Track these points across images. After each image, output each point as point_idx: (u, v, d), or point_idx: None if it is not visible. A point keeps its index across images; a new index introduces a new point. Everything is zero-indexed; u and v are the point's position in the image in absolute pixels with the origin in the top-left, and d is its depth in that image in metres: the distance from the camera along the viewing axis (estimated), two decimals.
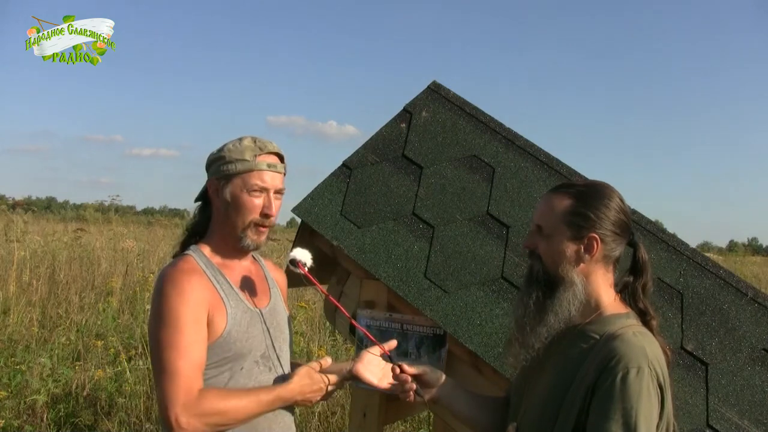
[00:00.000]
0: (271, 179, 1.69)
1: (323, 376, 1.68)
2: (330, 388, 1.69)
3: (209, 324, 1.59)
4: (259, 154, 1.68)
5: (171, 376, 1.50)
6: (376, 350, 1.74)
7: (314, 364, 1.69)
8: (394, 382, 1.69)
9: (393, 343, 1.79)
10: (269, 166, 1.69)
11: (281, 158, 1.74)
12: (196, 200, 1.78)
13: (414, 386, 1.62)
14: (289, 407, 1.73)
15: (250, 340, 1.65)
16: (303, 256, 1.75)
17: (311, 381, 1.66)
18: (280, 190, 1.72)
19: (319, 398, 1.69)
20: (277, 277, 1.88)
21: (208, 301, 1.59)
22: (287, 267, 1.81)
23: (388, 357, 1.69)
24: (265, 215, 1.68)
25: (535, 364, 1.49)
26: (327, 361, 1.72)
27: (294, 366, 1.86)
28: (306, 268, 1.74)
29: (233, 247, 1.72)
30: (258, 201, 1.67)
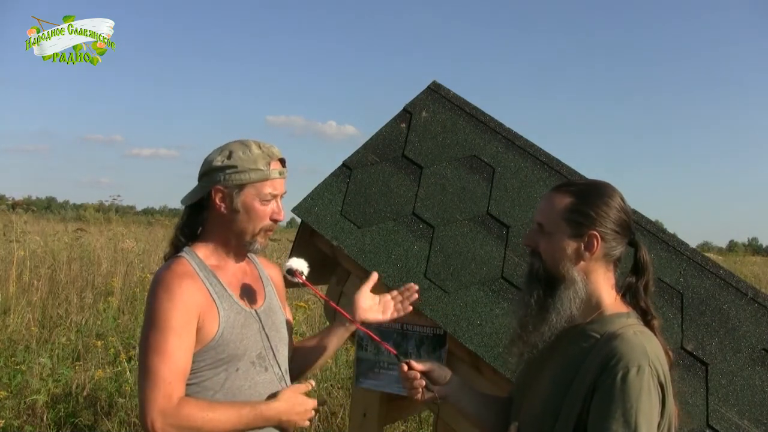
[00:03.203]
0: (280, 186, 1.72)
1: (308, 398, 1.67)
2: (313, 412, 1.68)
3: (201, 328, 1.59)
4: (270, 162, 1.70)
5: (152, 380, 1.51)
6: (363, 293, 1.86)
7: (300, 386, 1.70)
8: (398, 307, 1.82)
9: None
10: (280, 173, 1.72)
11: (284, 162, 1.76)
12: (189, 204, 1.75)
13: (423, 383, 1.63)
14: None
15: (245, 341, 1.65)
16: (299, 264, 1.76)
17: (297, 402, 1.65)
18: (284, 194, 1.75)
19: (304, 421, 1.66)
20: (272, 274, 1.87)
21: (199, 306, 1.59)
22: (284, 276, 1.83)
23: (395, 356, 1.69)
24: (274, 221, 1.72)
25: (536, 363, 1.49)
26: (311, 383, 1.73)
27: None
28: (303, 277, 1.75)
29: (233, 250, 1.73)
30: (268, 208, 1.70)
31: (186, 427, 1.50)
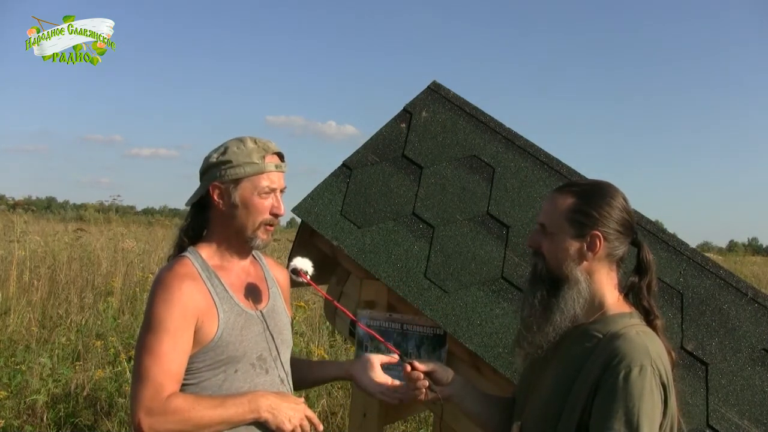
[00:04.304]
0: (278, 179, 1.71)
1: (304, 407, 1.64)
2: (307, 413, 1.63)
3: (200, 329, 1.59)
4: (265, 156, 1.69)
5: (142, 379, 1.52)
6: (379, 358, 1.79)
7: (300, 400, 1.67)
8: (394, 387, 1.73)
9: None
10: (277, 167, 1.71)
11: (282, 157, 1.75)
12: (190, 203, 1.76)
13: (427, 383, 1.63)
14: None
15: (244, 342, 1.64)
16: (304, 264, 1.76)
17: (292, 400, 1.62)
18: (283, 189, 1.74)
19: (292, 422, 1.59)
20: (278, 276, 1.86)
21: (198, 308, 1.59)
22: (289, 276, 1.82)
23: (399, 356, 1.69)
24: (274, 215, 1.71)
25: (539, 363, 1.49)
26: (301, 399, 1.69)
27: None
28: (308, 276, 1.75)
29: (235, 249, 1.72)
30: (267, 202, 1.69)
31: (173, 421, 1.50)
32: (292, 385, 1.77)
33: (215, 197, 1.69)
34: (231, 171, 1.67)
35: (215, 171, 1.69)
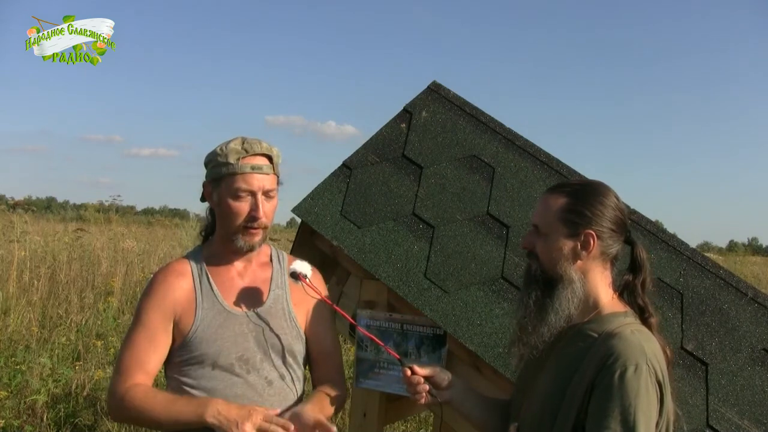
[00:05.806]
0: (257, 181, 1.66)
1: (261, 413, 1.51)
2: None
3: (178, 323, 1.64)
4: (244, 157, 1.65)
5: (115, 366, 1.63)
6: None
7: (261, 409, 1.55)
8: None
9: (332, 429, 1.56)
10: (253, 168, 1.65)
11: (270, 158, 1.71)
12: (201, 201, 1.81)
13: (427, 387, 1.62)
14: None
15: (220, 341, 1.63)
16: (303, 268, 1.75)
17: (238, 410, 1.51)
18: (269, 191, 1.69)
19: (240, 430, 1.47)
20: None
21: (178, 302, 1.64)
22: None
23: (399, 360, 1.69)
24: (252, 218, 1.67)
25: (535, 363, 1.49)
26: (275, 411, 1.59)
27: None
28: (307, 280, 1.74)
29: (231, 248, 1.73)
30: (244, 204, 1.66)
31: (127, 408, 1.57)
32: (287, 387, 1.74)
33: (206, 196, 1.73)
34: (211, 171, 1.69)
35: (206, 170, 1.73)
